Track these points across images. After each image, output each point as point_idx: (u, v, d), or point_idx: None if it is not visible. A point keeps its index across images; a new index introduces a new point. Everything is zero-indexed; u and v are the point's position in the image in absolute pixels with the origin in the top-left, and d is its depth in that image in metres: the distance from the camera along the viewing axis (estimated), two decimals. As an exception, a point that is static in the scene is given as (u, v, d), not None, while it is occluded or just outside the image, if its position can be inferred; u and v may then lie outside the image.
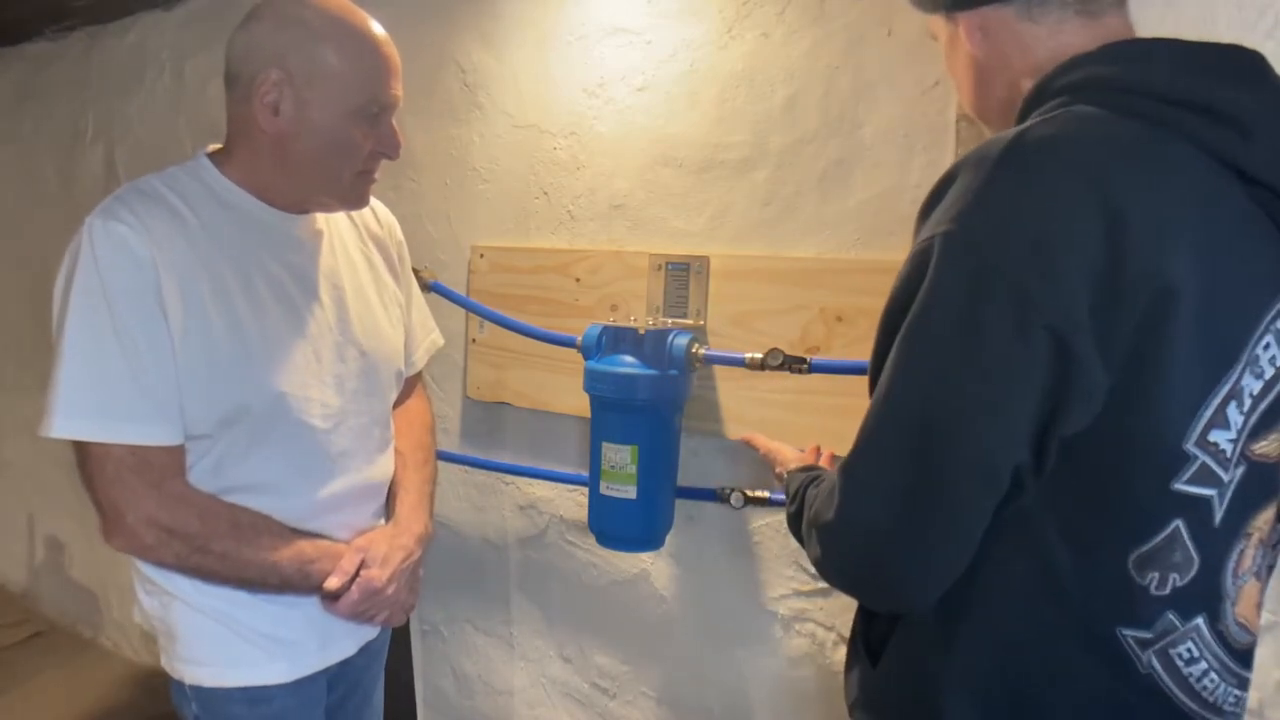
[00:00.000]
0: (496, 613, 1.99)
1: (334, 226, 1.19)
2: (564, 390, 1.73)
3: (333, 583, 1.09)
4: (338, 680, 1.24)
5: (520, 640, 1.97)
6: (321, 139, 1.03)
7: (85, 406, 0.97)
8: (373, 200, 1.25)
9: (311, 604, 1.12)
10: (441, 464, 1.99)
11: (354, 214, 1.23)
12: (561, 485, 1.82)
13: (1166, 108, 0.70)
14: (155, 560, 1.04)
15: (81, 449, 0.99)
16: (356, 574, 1.12)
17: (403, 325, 1.30)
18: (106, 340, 0.96)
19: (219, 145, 1.12)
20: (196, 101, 2.39)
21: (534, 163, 1.79)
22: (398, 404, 1.32)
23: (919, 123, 1.35)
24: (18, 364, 3.11)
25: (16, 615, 3.13)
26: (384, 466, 1.24)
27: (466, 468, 1.95)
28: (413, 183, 1.97)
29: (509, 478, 1.91)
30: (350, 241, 1.21)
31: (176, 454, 1.02)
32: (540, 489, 1.87)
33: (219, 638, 1.09)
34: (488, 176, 1.87)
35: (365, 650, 1.25)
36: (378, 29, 1.06)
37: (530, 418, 1.84)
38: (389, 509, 1.26)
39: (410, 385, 1.37)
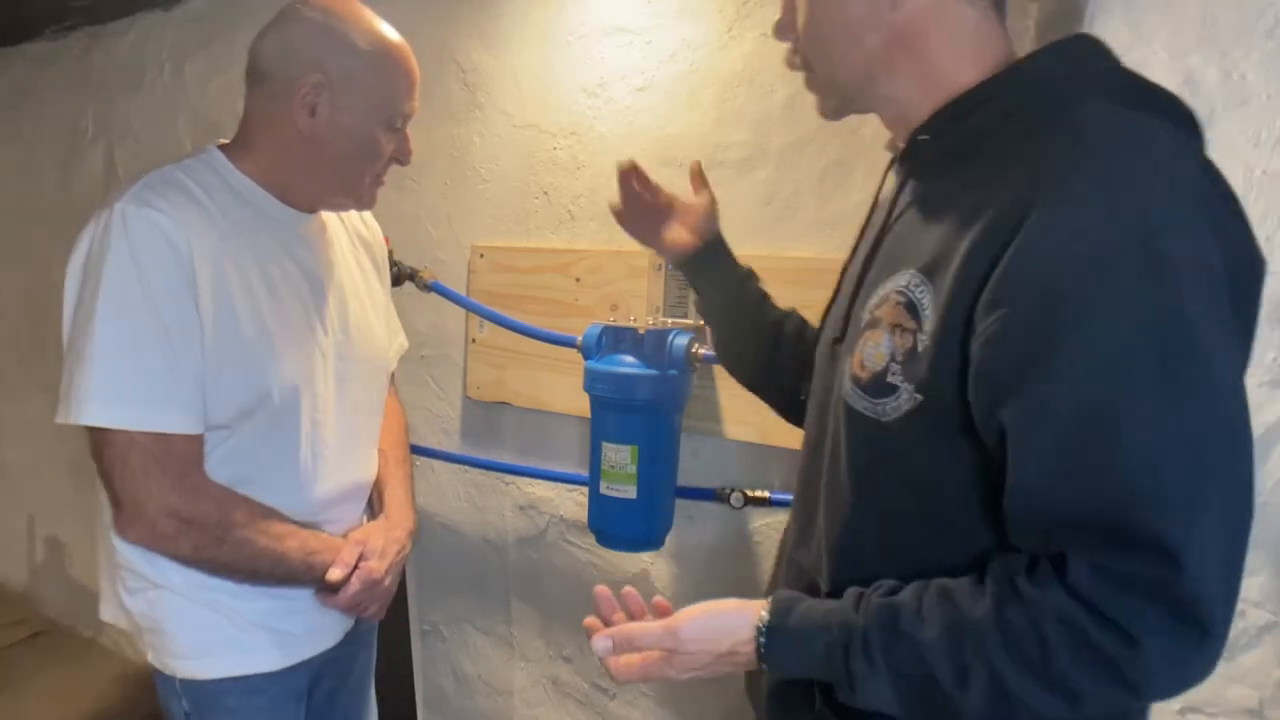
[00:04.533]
0: (496, 613, 1.99)
1: (331, 228, 1.21)
2: (564, 390, 1.73)
3: (335, 574, 1.11)
4: (327, 671, 1.25)
5: (520, 640, 1.97)
6: (351, 143, 1.08)
7: (122, 394, 0.96)
8: None
9: (298, 594, 1.13)
10: (441, 464, 2.00)
11: (344, 216, 1.26)
12: (561, 485, 1.82)
13: (1156, 97, 0.70)
14: (171, 551, 1.04)
15: (101, 438, 0.98)
16: (355, 566, 1.13)
17: (386, 329, 1.32)
18: (144, 327, 0.96)
19: (225, 141, 1.13)
20: (196, 101, 2.39)
21: (534, 163, 1.79)
22: None
23: (919, 123, 1.35)
24: (18, 365, 3.11)
25: (16, 615, 3.13)
26: (373, 465, 1.27)
27: (466, 468, 1.95)
28: (413, 183, 1.97)
29: (509, 478, 1.91)
30: (344, 243, 1.24)
31: (199, 443, 1.03)
32: (540, 489, 1.87)
33: (214, 627, 1.10)
34: (488, 176, 1.87)
35: (353, 640, 1.26)
36: (405, 44, 1.12)
37: (530, 417, 1.84)
38: (373, 505, 1.29)
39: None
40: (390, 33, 1.10)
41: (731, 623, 0.76)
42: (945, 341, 0.66)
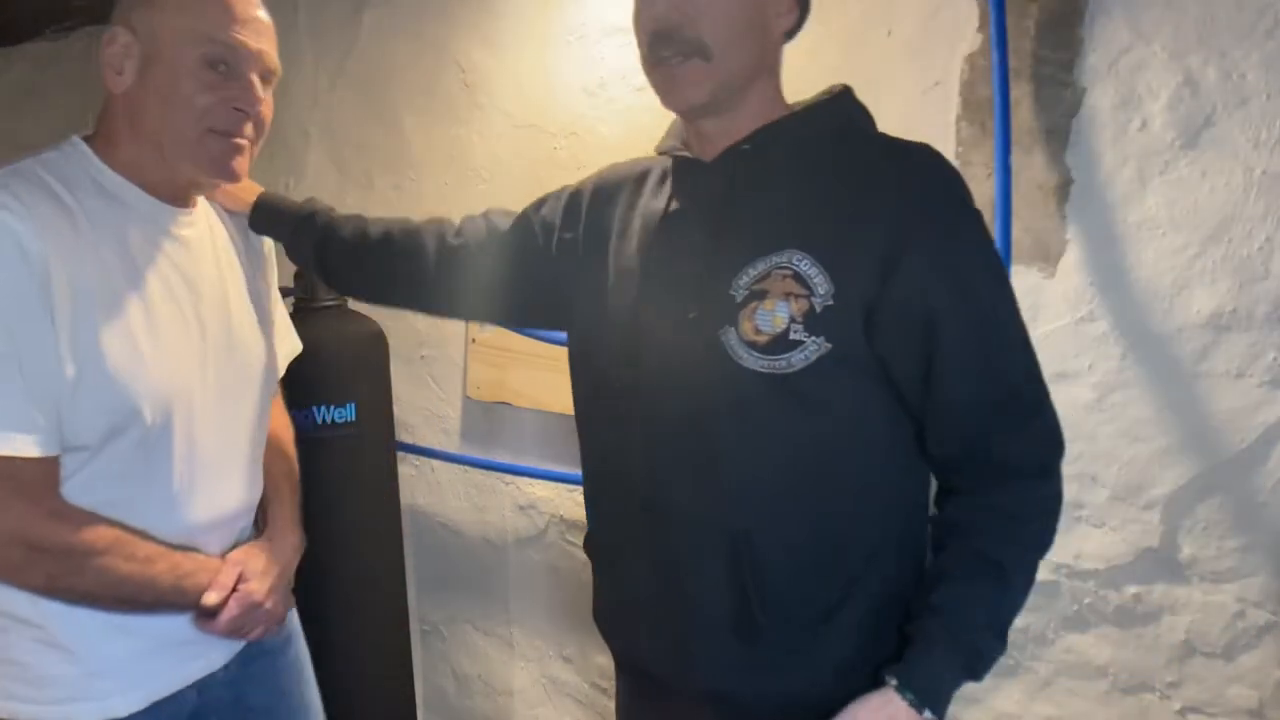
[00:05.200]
0: (496, 613, 1.99)
1: (216, 229, 1.13)
2: (564, 390, 1.72)
3: (210, 598, 1.02)
4: (254, 690, 1.17)
5: (520, 640, 1.97)
6: (161, 93, 0.97)
7: None
8: None
9: (166, 627, 1.04)
10: (441, 464, 2.00)
11: (228, 219, 1.17)
12: (561, 485, 1.82)
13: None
14: (21, 583, 0.94)
15: None
16: (234, 588, 1.05)
17: (275, 330, 1.24)
18: None
19: (88, 133, 1.06)
20: (196, 101, 2.39)
21: (534, 163, 1.79)
22: None
23: (919, 123, 1.35)
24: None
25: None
26: (258, 482, 1.19)
27: (466, 468, 1.95)
28: (413, 183, 1.97)
29: (509, 478, 1.91)
30: (224, 241, 1.15)
31: (51, 466, 0.93)
32: (540, 489, 1.87)
33: (65, 675, 0.99)
34: (488, 176, 1.87)
35: (267, 651, 1.18)
36: None
37: (530, 418, 1.85)
38: (259, 524, 1.21)
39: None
40: None
41: (872, 698, 0.89)
42: (846, 306, 0.87)
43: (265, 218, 1.19)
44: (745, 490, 0.93)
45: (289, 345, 1.31)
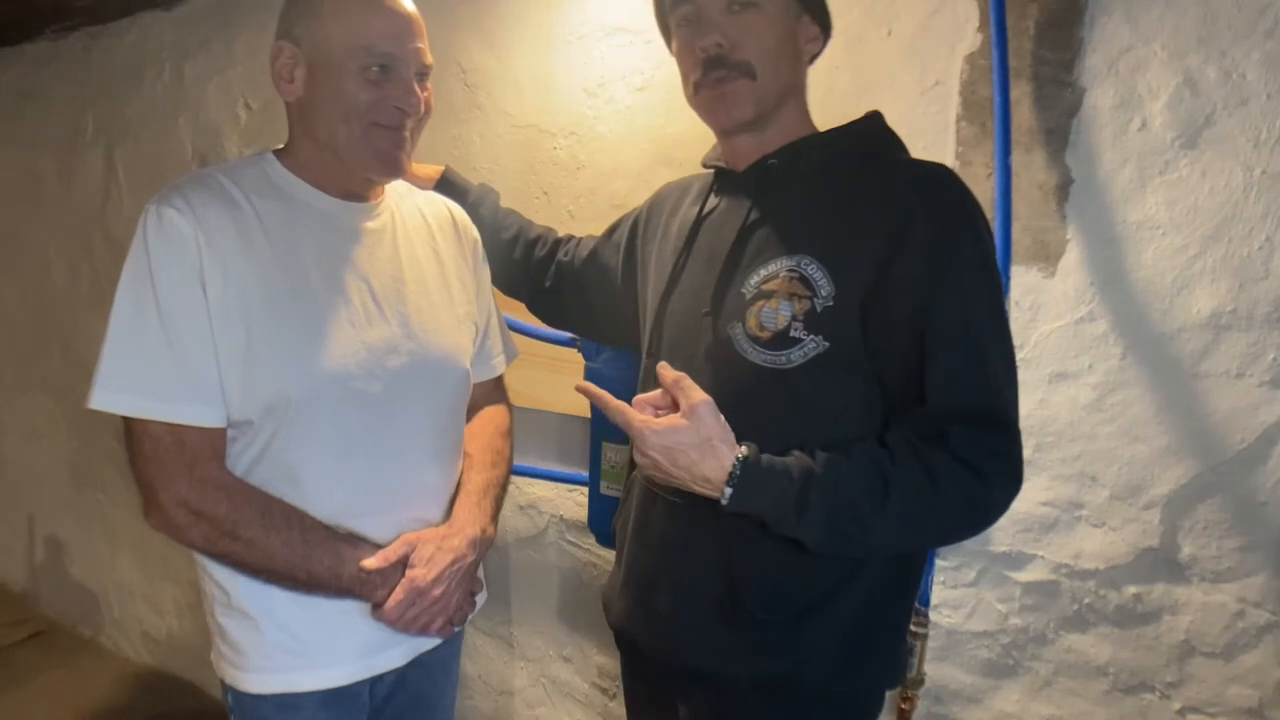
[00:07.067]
0: (496, 613, 1.99)
1: (403, 223, 1.18)
2: (564, 390, 1.73)
3: (370, 563, 1.06)
4: (397, 691, 1.20)
5: (520, 640, 1.97)
6: (329, 96, 1.04)
7: (123, 382, 0.98)
8: (450, 201, 1.28)
9: (357, 611, 1.09)
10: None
11: (428, 213, 1.22)
12: (561, 485, 1.82)
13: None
14: (186, 542, 1.03)
15: (126, 425, 1.01)
16: (401, 571, 1.08)
17: (474, 327, 1.26)
18: (149, 319, 0.98)
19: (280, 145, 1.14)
20: (196, 101, 2.39)
21: (534, 163, 1.79)
22: (476, 409, 1.29)
23: (919, 123, 1.35)
24: (17, 364, 3.11)
25: (16, 615, 3.13)
26: (441, 470, 1.19)
27: (466, 468, 1.95)
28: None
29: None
30: (419, 239, 1.19)
31: (215, 436, 1.02)
32: (540, 489, 1.87)
33: (251, 642, 1.08)
34: (488, 176, 1.86)
35: (420, 664, 1.19)
36: None
37: (530, 418, 1.84)
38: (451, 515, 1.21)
39: (488, 390, 1.34)
40: None
41: (725, 445, 0.93)
42: (845, 306, 0.93)
43: (446, 189, 1.35)
44: None
45: (509, 346, 1.39)
